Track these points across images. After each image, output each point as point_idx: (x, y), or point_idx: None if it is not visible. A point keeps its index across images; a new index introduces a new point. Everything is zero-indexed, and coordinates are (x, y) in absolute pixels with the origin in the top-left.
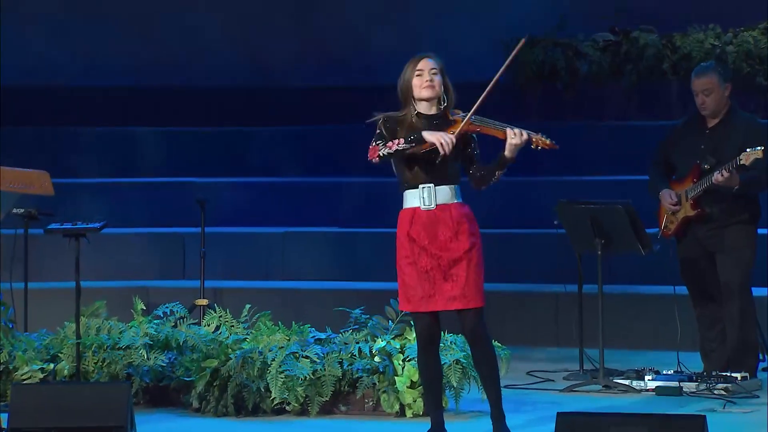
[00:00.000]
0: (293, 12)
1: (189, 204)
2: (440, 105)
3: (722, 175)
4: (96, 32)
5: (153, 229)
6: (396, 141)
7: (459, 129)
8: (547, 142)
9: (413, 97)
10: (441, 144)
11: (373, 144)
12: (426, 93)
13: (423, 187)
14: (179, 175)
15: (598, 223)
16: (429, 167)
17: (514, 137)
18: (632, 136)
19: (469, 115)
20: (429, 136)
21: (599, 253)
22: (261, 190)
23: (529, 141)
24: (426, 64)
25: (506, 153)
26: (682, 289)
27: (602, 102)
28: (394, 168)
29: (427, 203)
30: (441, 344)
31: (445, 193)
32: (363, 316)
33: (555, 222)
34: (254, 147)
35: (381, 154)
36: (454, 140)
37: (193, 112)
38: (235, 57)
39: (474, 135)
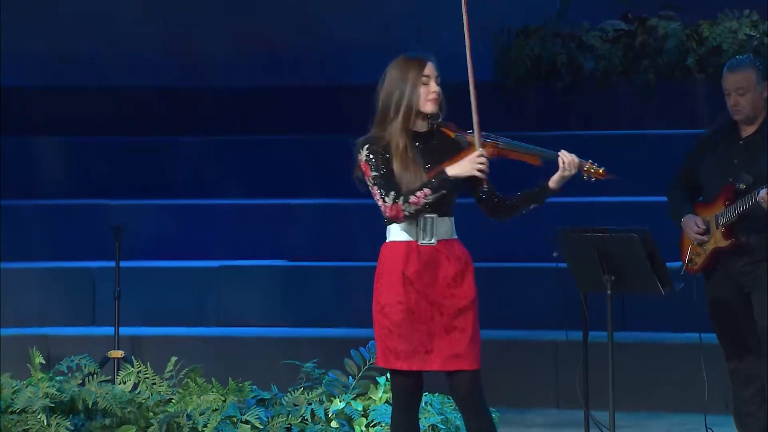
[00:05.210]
0: None
1: (100, 232)
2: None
3: None
4: None
5: (55, 263)
6: (423, 193)
7: (489, 154)
8: (600, 171)
9: (414, 111)
10: (481, 172)
11: (386, 198)
12: (431, 107)
13: (427, 218)
14: (88, 196)
15: (608, 256)
16: None
17: (567, 168)
18: (649, 148)
19: (499, 139)
20: (457, 170)
21: (609, 292)
22: (190, 214)
23: (579, 171)
24: (433, 70)
25: (552, 184)
26: (711, 337)
27: (612, 106)
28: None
29: (428, 237)
30: None
31: (446, 227)
32: (317, 370)
33: (554, 254)
34: (182, 161)
35: (408, 213)
36: (486, 156)
37: (106, 119)
38: (157, 51)
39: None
